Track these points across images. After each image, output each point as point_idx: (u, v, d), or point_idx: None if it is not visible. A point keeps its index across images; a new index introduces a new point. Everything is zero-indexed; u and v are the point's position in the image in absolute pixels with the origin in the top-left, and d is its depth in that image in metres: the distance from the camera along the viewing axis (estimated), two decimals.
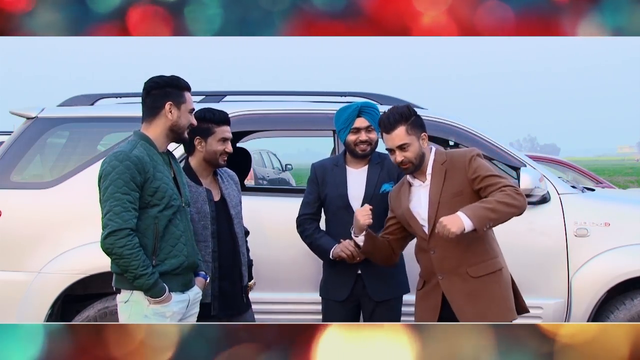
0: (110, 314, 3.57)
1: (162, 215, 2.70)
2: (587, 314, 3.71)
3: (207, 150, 3.15)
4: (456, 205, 2.85)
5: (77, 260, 3.64)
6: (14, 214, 3.72)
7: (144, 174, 2.64)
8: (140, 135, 2.79)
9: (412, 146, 2.94)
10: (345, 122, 3.37)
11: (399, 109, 2.97)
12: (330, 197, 3.39)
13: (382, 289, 3.33)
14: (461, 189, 2.92)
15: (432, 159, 3.00)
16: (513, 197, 2.78)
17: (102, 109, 4.15)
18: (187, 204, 2.87)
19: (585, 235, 3.74)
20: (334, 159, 3.52)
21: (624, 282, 3.71)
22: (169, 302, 2.70)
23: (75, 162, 3.89)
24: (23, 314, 3.63)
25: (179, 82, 2.82)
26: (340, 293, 3.35)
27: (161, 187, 2.69)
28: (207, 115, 3.15)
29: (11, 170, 3.81)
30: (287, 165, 15.65)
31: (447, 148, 4.33)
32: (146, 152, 2.71)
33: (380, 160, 3.41)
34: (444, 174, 2.95)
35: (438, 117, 4.09)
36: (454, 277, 2.93)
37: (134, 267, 2.59)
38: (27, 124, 3.96)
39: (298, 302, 3.76)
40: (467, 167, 2.91)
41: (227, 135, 3.18)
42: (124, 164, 2.62)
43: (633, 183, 22.73)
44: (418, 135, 2.97)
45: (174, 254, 2.73)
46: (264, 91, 4.46)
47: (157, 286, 2.65)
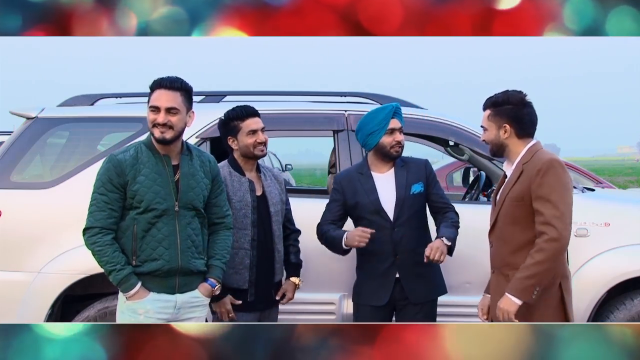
0: (110, 314, 3.57)
1: (141, 217, 2.76)
2: (587, 314, 3.70)
3: (240, 146, 3.28)
4: (512, 210, 2.85)
5: (77, 260, 3.63)
6: (14, 214, 3.72)
7: (122, 176, 2.75)
8: (146, 138, 2.89)
9: (489, 132, 2.97)
10: (380, 124, 3.32)
11: (499, 94, 2.96)
12: (362, 204, 3.34)
13: (421, 291, 3.31)
14: (522, 196, 2.84)
15: (522, 154, 2.91)
16: (545, 250, 2.70)
17: (102, 109, 4.15)
18: (188, 207, 2.84)
19: (585, 236, 3.74)
20: (358, 167, 3.48)
21: (624, 282, 3.71)
22: (140, 299, 2.75)
23: (75, 162, 3.89)
24: (23, 314, 3.62)
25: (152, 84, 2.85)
26: (380, 298, 3.30)
27: (140, 190, 2.75)
28: (230, 115, 3.29)
29: (11, 171, 3.81)
30: (287, 165, 15.64)
31: (447, 148, 4.32)
32: (136, 155, 2.79)
33: (404, 164, 3.41)
34: (518, 174, 2.88)
35: (438, 117, 4.09)
36: (499, 276, 2.94)
37: (103, 262, 2.75)
38: (27, 124, 3.95)
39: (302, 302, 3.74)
40: (534, 177, 2.80)
41: (253, 127, 3.27)
42: (105, 166, 2.78)
43: (633, 183, 22.72)
44: (500, 124, 2.92)
45: (153, 257, 2.77)
46: (264, 91, 4.46)
47: (127, 282, 2.73)
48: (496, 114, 2.93)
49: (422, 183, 3.37)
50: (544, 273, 2.74)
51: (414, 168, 3.40)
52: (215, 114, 3.96)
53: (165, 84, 2.79)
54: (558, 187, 2.77)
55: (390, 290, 3.29)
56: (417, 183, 3.36)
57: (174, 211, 2.79)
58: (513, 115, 2.91)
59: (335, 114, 4.07)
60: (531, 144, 2.93)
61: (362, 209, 3.35)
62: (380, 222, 3.30)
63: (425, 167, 3.43)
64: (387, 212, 3.31)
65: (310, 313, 3.76)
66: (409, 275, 3.30)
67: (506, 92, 2.96)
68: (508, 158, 2.98)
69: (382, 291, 3.30)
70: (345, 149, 3.95)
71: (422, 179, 3.37)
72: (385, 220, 3.30)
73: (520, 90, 2.96)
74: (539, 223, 2.76)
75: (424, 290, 3.32)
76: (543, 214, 2.75)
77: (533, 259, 2.73)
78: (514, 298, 2.75)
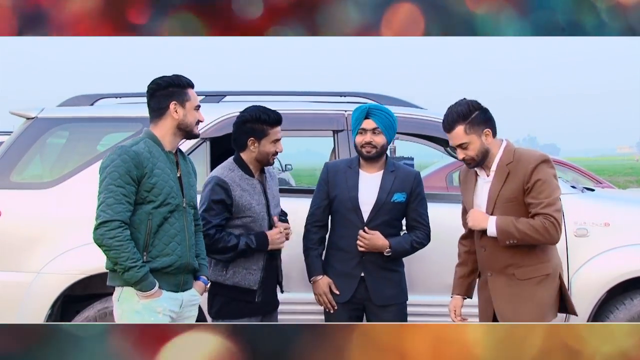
0: (110, 314, 3.57)
1: (156, 212, 2.68)
2: (587, 314, 3.70)
3: (260, 151, 3.18)
4: (508, 211, 2.87)
5: (77, 260, 3.64)
6: (14, 215, 3.72)
7: (141, 169, 2.64)
8: (148, 133, 2.80)
9: (473, 144, 2.91)
10: (354, 123, 3.38)
11: (457, 108, 2.92)
12: (340, 199, 3.37)
13: (385, 293, 3.33)
14: (515, 195, 2.88)
15: (499, 156, 2.94)
16: (548, 231, 2.80)
17: (102, 109, 4.15)
18: (190, 205, 2.85)
19: (585, 236, 3.74)
20: (349, 161, 3.50)
21: (624, 282, 3.71)
22: (159, 297, 2.69)
23: (75, 162, 3.89)
24: (23, 314, 3.63)
25: (181, 81, 2.81)
26: (343, 295, 3.35)
27: (158, 183, 2.68)
28: (262, 117, 3.16)
29: (11, 171, 3.81)
30: (286, 166, 15.62)
31: (447, 148, 4.32)
32: (148, 149, 2.70)
33: (394, 169, 3.40)
34: (505, 176, 2.90)
35: (438, 117, 4.09)
36: (501, 277, 2.95)
37: (123, 258, 2.58)
38: (27, 124, 3.95)
39: (302, 302, 3.74)
40: (527, 176, 2.85)
41: (279, 136, 3.22)
42: (121, 158, 2.63)
43: (633, 183, 22.72)
44: (479, 132, 2.91)
45: (166, 252, 2.71)
46: (264, 91, 4.46)
47: (147, 280, 2.63)
48: (472, 125, 2.90)
49: (406, 194, 3.36)
50: (528, 241, 2.84)
51: (402, 176, 3.38)
52: (215, 114, 3.96)
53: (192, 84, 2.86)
54: (551, 183, 2.86)
55: (353, 288, 3.32)
56: (400, 192, 3.35)
57: (182, 207, 2.79)
58: (485, 118, 2.93)
59: (335, 114, 4.07)
60: (504, 143, 2.96)
61: (339, 203, 3.38)
62: (354, 221, 3.32)
63: (414, 179, 3.40)
64: (362, 212, 3.32)
65: (310, 313, 3.75)
66: (373, 276, 3.32)
67: (460, 103, 2.94)
68: (485, 163, 2.97)
69: (346, 288, 3.34)
70: (345, 149, 3.95)
71: (406, 190, 3.36)
72: (359, 220, 3.31)
73: (463, 98, 3.00)
74: (538, 211, 2.82)
75: (388, 292, 3.33)
76: (541, 204, 2.82)
77: (535, 226, 2.80)
78: (492, 225, 2.87)
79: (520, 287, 2.90)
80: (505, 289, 2.93)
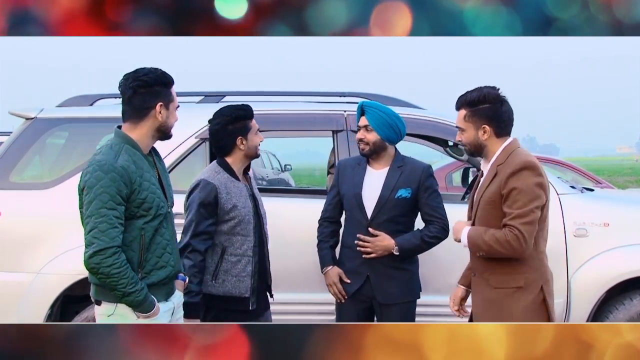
0: None
1: (148, 226, 2.52)
2: (586, 314, 3.71)
3: (249, 146, 3.18)
4: (487, 214, 2.79)
5: (76, 260, 3.61)
6: (13, 215, 3.72)
7: (130, 185, 2.45)
8: (124, 137, 2.58)
9: (467, 132, 2.84)
10: (357, 120, 3.43)
11: (473, 93, 2.82)
12: (347, 196, 3.39)
13: (390, 292, 3.31)
14: (493, 198, 2.77)
15: (496, 155, 2.82)
16: (510, 244, 2.65)
17: (101, 110, 4.15)
18: (171, 206, 2.70)
19: (584, 236, 3.74)
20: (358, 158, 3.49)
21: (623, 282, 3.71)
22: (157, 315, 2.54)
23: (74, 163, 3.89)
24: (22, 314, 3.63)
25: (167, 78, 2.61)
26: (350, 286, 3.35)
27: (148, 197, 2.51)
28: (240, 114, 3.16)
29: (10, 171, 3.81)
30: (286, 166, 15.63)
31: (446, 148, 4.32)
32: (131, 159, 2.51)
33: (402, 164, 3.38)
34: (492, 177, 2.80)
35: (437, 117, 4.09)
36: (480, 280, 2.86)
37: (122, 285, 2.42)
38: (26, 125, 3.95)
39: (302, 302, 3.76)
40: (503, 182, 2.72)
41: (257, 126, 3.23)
42: (109, 176, 2.42)
43: (632, 183, 22.72)
44: (478, 125, 2.80)
45: (160, 265, 2.57)
46: (264, 91, 4.46)
47: (147, 301, 2.49)
48: (474, 115, 2.80)
49: (411, 190, 3.32)
50: (493, 254, 2.73)
51: (408, 172, 3.35)
52: None
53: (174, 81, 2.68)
54: (528, 192, 2.68)
55: (359, 283, 3.33)
56: (405, 188, 3.32)
57: (168, 212, 2.65)
58: (492, 114, 2.79)
59: (334, 114, 4.07)
60: (507, 142, 2.81)
61: (346, 200, 3.40)
62: (359, 218, 3.33)
63: (422, 172, 3.35)
64: (366, 209, 3.32)
65: (310, 313, 3.76)
66: (379, 274, 3.31)
67: (481, 89, 2.82)
68: (485, 157, 2.88)
69: (353, 283, 3.34)
70: (345, 149, 3.96)
71: (412, 185, 3.32)
72: (363, 217, 3.32)
73: (494, 86, 2.85)
74: (507, 221, 2.68)
75: (392, 291, 3.31)
76: (511, 215, 2.67)
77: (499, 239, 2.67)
78: (464, 236, 2.81)
79: (494, 294, 2.78)
80: (481, 293, 2.85)
